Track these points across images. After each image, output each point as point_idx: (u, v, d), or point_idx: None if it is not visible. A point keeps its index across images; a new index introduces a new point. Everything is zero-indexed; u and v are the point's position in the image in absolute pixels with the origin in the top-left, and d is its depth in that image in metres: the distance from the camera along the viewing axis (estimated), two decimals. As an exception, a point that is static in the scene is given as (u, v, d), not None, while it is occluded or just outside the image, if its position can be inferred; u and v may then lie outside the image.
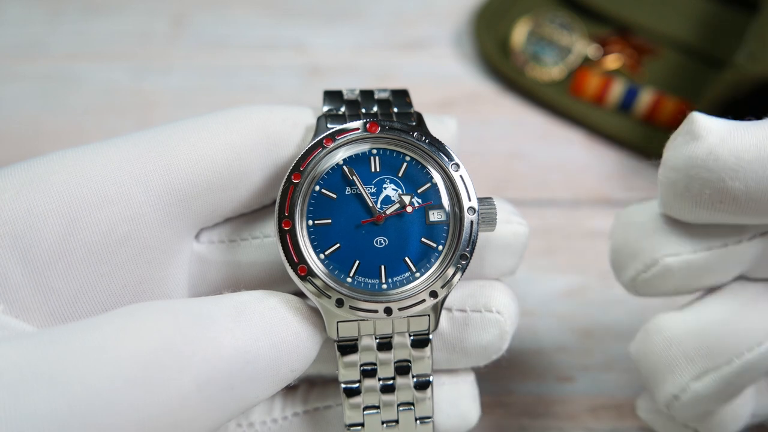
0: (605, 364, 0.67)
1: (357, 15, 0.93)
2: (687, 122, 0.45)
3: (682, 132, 0.46)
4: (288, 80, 0.86)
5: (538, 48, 0.85)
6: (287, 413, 0.52)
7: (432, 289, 0.47)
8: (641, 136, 0.80)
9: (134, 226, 0.45)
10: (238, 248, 0.50)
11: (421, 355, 0.49)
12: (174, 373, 0.38)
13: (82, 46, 0.89)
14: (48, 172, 0.44)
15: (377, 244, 0.48)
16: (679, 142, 0.45)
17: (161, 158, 0.46)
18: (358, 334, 0.47)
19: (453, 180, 0.48)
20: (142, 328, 0.39)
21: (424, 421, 0.50)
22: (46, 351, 0.36)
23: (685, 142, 0.45)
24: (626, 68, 0.83)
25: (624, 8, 0.86)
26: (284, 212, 0.47)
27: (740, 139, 0.43)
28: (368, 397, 0.49)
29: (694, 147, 0.44)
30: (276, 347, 0.43)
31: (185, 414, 0.39)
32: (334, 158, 0.48)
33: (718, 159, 0.43)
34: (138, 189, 0.45)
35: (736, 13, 0.84)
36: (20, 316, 0.43)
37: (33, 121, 0.82)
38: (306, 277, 0.46)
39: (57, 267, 0.44)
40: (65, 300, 0.44)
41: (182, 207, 0.47)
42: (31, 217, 0.43)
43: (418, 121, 0.50)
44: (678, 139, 0.46)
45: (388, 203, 0.48)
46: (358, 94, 0.52)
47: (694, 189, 0.45)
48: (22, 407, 0.34)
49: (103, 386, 0.36)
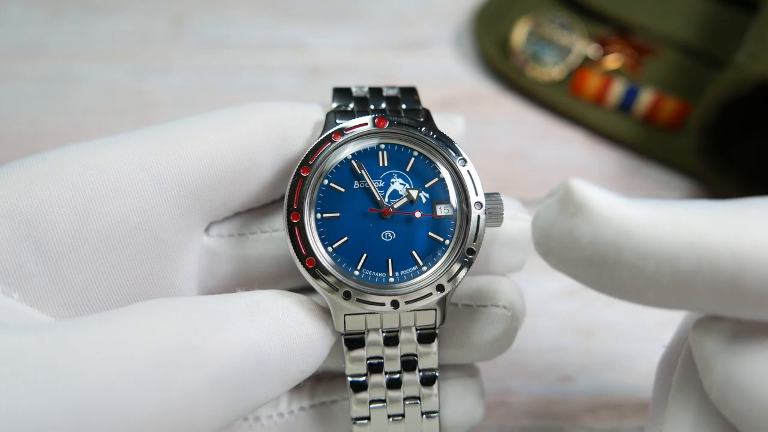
0: (605, 364, 0.67)
1: (357, 15, 0.93)
2: (563, 188, 0.38)
3: (555, 193, 0.39)
4: (288, 80, 0.86)
5: (538, 48, 0.85)
6: (294, 407, 0.52)
7: (439, 283, 0.47)
8: (641, 136, 0.80)
9: (145, 218, 0.45)
10: (247, 242, 0.50)
11: (428, 350, 0.49)
12: (187, 370, 0.38)
13: (82, 46, 0.89)
14: (61, 164, 0.44)
15: (385, 238, 0.48)
16: (549, 204, 0.39)
17: (173, 152, 0.46)
18: (365, 327, 0.48)
19: (460, 175, 0.49)
20: (157, 324, 0.39)
21: (430, 415, 0.50)
22: (62, 345, 0.36)
23: (553, 209, 0.39)
24: (626, 68, 0.84)
25: (624, 8, 0.87)
26: (293, 205, 0.47)
27: (606, 231, 0.37)
28: (375, 391, 0.49)
29: (559, 219, 0.38)
30: (287, 347, 0.43)
31: (196, 411, 0.39)
32: (342, 153, 0.49)
33: (576, 243, 0.37)
34: (150, 182, 0.45)
35: (736, 13, 0.85)
36: (35, 305, 0.43)
37: (33, 121, 0.82)
38: (314, 270, 0.46)
39: (70, 257, 0.44)
40: (78, 289, 0.45)
41: (193, 200, 0.47)
42: (45, 208, 0.43)
43: (426, 118, 0.50)
44: (550, 200, 0.39)
45: (395, 197, 0.48)
46: (367, 91, 0.52)
47: (551, 259, 0.40)
48: (36, 400, 0.34)
49: (116, 381, 0.36)
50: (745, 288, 0.35)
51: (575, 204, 0.37)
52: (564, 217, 0.38)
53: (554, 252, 0.39)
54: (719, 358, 0.38)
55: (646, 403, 0.64)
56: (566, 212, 0.37)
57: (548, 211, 0.39)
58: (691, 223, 0.36)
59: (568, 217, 0.37)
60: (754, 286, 0.35)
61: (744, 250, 0.35)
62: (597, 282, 0.38)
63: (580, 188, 0.37)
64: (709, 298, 0.36)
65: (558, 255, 0.39)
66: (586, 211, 0.37)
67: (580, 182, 0.37)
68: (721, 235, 0.35)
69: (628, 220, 0.36)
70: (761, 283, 0.35)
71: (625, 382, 0.66)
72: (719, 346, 0.38)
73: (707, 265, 0.35)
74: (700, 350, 0.39)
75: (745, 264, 0.35)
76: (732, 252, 0.35)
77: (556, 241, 0.38)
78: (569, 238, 0.37)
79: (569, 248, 0.38)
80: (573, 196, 0.37)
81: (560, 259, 0.39)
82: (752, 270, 0.35)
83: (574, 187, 0.37)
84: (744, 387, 0.37)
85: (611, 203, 0.37)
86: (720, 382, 0.38)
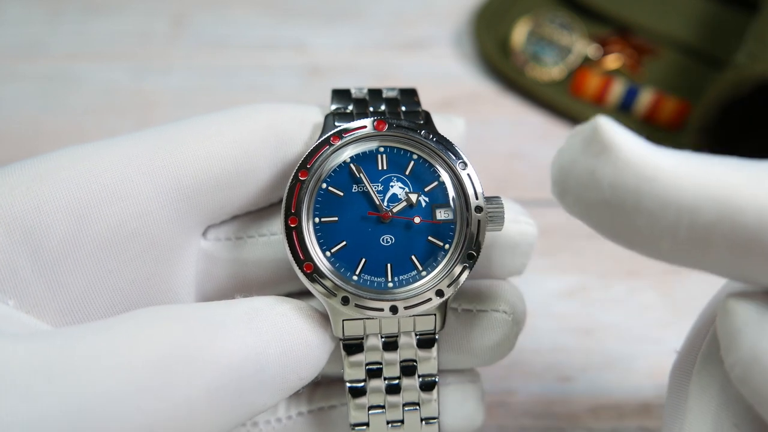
0: (605, 364, 0.67)
1: (357, 15, 0.93)
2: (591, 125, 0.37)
3: (581, 132, 0.38)
4: (288, 80, 0.86)
5: (538, 48, 0.85)
6: (292, 413, 0.51)
7: (438, 288, 0.47)
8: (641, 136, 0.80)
9: (143, 222, 0.45)
10: (245, 246, 0.50)
11: (427, 355, 0.49)
12: (184, 379, 0.38)
13: (82, 46, 0.88)
14: (57, 168, 0.44)
15: (383, 242, 0.47)
16: (574, 141, 0.38)
17: (170, 155, 0.46)
18: (363, 332, 0.47)
19: (460, 178, 0.48)
20: (154, 333, 0.38)
21: (430, 421, 0.50)
22: (58, 353, 0.36)
23: (577, 146, 0.38)
24: (626, 68, 0.84)
25: (624, 8, 0.87)
26: (291, 209, 0.47)
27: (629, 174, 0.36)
28: (373, 397, 0.49)
29: (582, 157, 0.37)
30: (286, 355, 0.43)
31: (194, 419, 0.39)
32: (341, 156, 0.48)
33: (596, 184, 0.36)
34: (147, 185, 0.45)
35: (736, 13, 0.85)
36: (31, 311, 0.43)
37: (33, 121, 0.82)
38: (312, 275, 0.46)
39: (66, 262, 0.44)
40: (75, 295, 0.44)
41: (190, 204, 0.47)
42: (41, 213, 0.43)
43: (426, 120, 0.50)
44: (574, 138, 0.38)
45: (395, 201, 0.48)
46: (366, 93, 0.52)
47: (567, 199, 0.39)
48: (33, 409, 0.34)
49: (113, 390, 0.36)
50: (766, 247, 0.34)
51: (601, 143, 0.36)
52: (587, 156, 0.37)
53: (572, 192, 0.38)
54: (747, 332, 0.37)
55: (646, 403, 0.64)
56: (590, 151, 0.37)
57: (571, 149, 0.38)
58: (720, 177, 0.35)
59: (592, 157, 0.36)
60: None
61: None
62: (611, 227, 0.38)
63: (609, 128, 0.36)
64: (727, 255, 0.36)
65: (575, 195, 0.38)
66: (612, 151, 0.36)
67: (609, 121, 0.37)
68: (748, 192, 0.34)
69: (653, 167, 0.35)
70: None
71: (625, 382, 0.66)
72: (748, 320, 0.37)
73: (729, 220, 0.34)
74: (728, 324, 0.38)
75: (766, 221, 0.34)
76: (758, 209, 0.34)
77: (576, 180, 0.37)
78: (590, 178, 0.36)
79: (588, 188, 0.37)
80: (600, 134, 0.36)
81: (577, 199, 0.38)
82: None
83: (602, 126, 0.36)
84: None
85: (639, 147, 0.36)
86: (745, 358, 0.36)
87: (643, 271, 0.71)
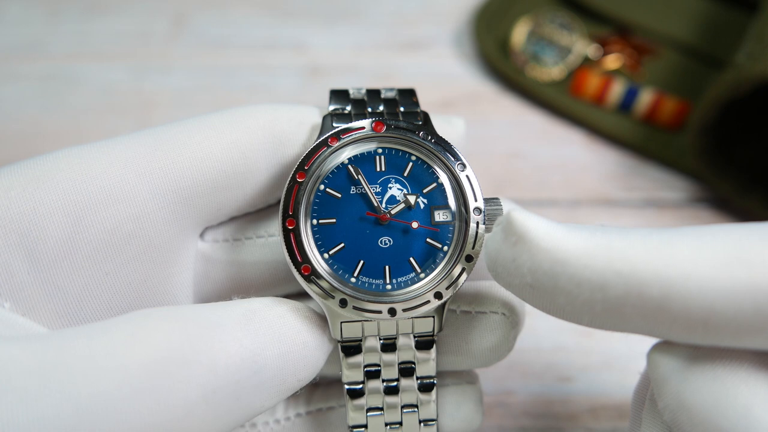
0: (605, 364, 0.67)
1: (357, 15, 0.93)
2: (506, 219, 0.41)
3: (500, 223, 0.41)
4: (288, 80, 0.86)
5: (538, 48, 0.85)
6: (290, 414, 0.51)
7: (437, 290, 0.47)
8: (641, 136, 0.80)
9: (139, 225, 0.45)
10: (243, 247, 0.50)
11: (426, 356, 0.49)
12: (181, 382, 0.38)
13: (82, 46, 0.88)
14: (53, 170, 0.44)
15: (382, 244, 0.47)
16: (496, 233, 0.42)
17: (166, 157, 0.46)
18: (362, 334, 0.47)
19: (459, 180, 0.48)
20: (151, 335, 0.38)
21: (428, 423, 0.50)
22: (55, 355, 0.36)
23: (498, 238, 0.41)
24: (626, 68, 0.83)
25: (624, 8, 0.86)
26: (288, 211, 0.47)
27: (543, 260, 0.40)
28: (372, 398, 0.49)
29: (504, 247, 0.41)
30: (283, 356, 0.43)
31: (191, 423, 0.39)
32: (339, 157, 0.48)
33: (518, 270, 0.41)
34: (143, 187, 0.45)
35: (736, 13, 0.84)
36: (27, 314, 0.43)
37: (33, 121, 0.82)
38: (310, 277, 0.46)
39: (62, 265, 0.44)
40: (71, 298, 0.44)
41: (187, 205, 0.47)
42: (36, 215, 0.43)
43: (424, 121, 0.50)
44: (496, 229, 0.42)
45: (393, 203, 0.48)
46: (365, 93, 0.52)
47: (501, 282, 0.42)
48: (29, 411, 0.34)
49: (109, 393, 0.36)
50: (672, 315, 0.38)
51: (516, 234, 0.40)
52: (507, 246, 0.41)
53: (501, 277, 0.42)
54: (672, 381, 0.40)
55: (645, 404, 0.64)
56: (509, 241, 0.41)
57: (494, 239, 0.42)
58: (623, 253, 0.39)
59: (511, 246, 0.40)
60: (680, 314, 0.37)
61: (670, 279, 0.37)
62: (540, 306, 0.42)
63: (520, 219, 0.40)
64: (640, 323, 0.39)
65: (505, 280, 0.42)
66: (526, 240, 0.40)
67: (521, 213, 0.41)
68: (650, 265, 0.38)
69: (563, 250, 0.39)
70: (686, 310, 0.37)
71: (625, 382, 0.66)
72: (673, 369, 0.40)
73: (635, 293, 0.38)
74: (655, 372, 0.41)
75: (670, 293, 0.37)
76: (659, 281, 0.38)
77: (502, 268, 0.41)
78: (512, 266, 0.40)
79: (513, 275, 0.41)
80: (514, 226, 0.40)
81: (507, 284, 0.42)
82: (677, 299, 0.37)
83: (515, 218, 0.40)
84: (694, 412, 0.38)
85: (549, 233, 0.40)
86: (672, 405, 0.40)
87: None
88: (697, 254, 0.38)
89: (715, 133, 0.72)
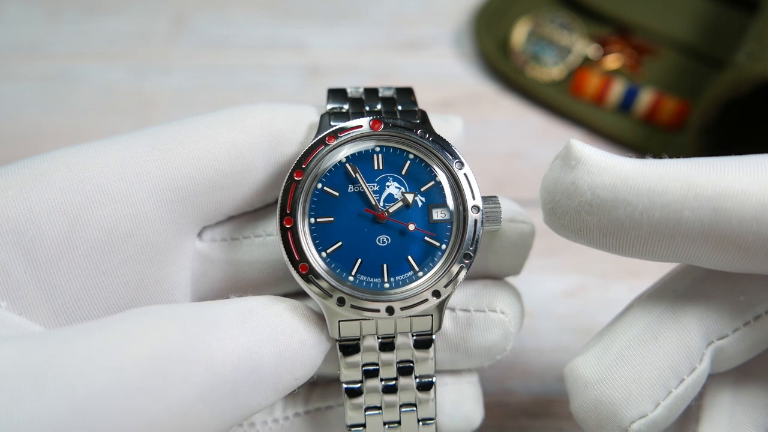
0: (606, 364, 0.67)
1: (357, 15, 0.93)
2: (565, 147, 0.45)
3: (559, 155, 0.45)
4: (288, 80, 0.86)
5: (538, 48, 0.85)
6: (288, 413, 0.51)
7: (435, 289, 0.47)
8: (641, 136, 0.80)
9: (136, 224, 0.45)
10: (241, 246, 0.50)
11: (424, 355, 0.48)
12: (177, 380, 0.38)
13: (82, 46, 0.89)
14: (51, 170, 0.44)
15: (379, 243, 0.47)
16: (554, 165, 0.45)
17: (164, 156, 0.46)
18: (360, 333, 0.47)
19: (457, 178, 0.48)
20: (147, 333, 0.38)
21: (427, 422, 0.50)
22: (50, 354, 0.36)
23: (557, 167, 0.45)
24: (626, 68, 0.83)
25: (624, 8, 0.86)
26: (286, 210, 0.47)
27: (603, 176, 0.43)
28: (370, 397, 0.49)
29: (562, 173, 0.44)
30: (280, 355, 0.43)
31: (187, 421, 0.38)
32: (336, 156, 0.48)
33: (577, 190, 0.43)
34: (140, 187, 0.45)
35: (736, 13, 0.84)
36: (23, 313, 0.43)
37: (33, 121, 0.82)
38: (308, 276, 0.46)
39: (59, 264, 0.44)
40: (68, 297, 0.44)
41: (185, 205, 0.47)
42: (33, 215, 0.43)
43: (422, 119, 0.50)
44: (555, 162, 0.45)
45: (391, 201, 0.48)
46: (362, 92, 0.52)
47: (557, 213, 0.44)
48: (24, 410, 0.34)
49: (105, 392, 0.36)
50: (727, 215, 0.41)
51: (576, 158, 0.43)
52: (566, 171, 0.44)
53: (559, 204, 0.44)
54: None
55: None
56: (568, 166, 0.44)
57: (553, 170, 0.45)
58: (676, 165, 0.42)
59: (570, 170, 0.43)
60: (734, 216, 0.40)
61: (723, 182, 0.41)
62: (598, 226, 0.43)
63: (579, 145, 0.44)
64: (696, 231, 0.42)
65: (563, 206, 0.44)
66: (586, 162, 0.43)
67: (579, 141, 0.44)
68: (703, 171, 0.42)
69: (622, 167, 0.43)
70: (740, 213, 0.40)
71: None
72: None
73: (693, 195, 0.41)
74: None
75: (725, 193, 0.41)
76: (713, 184, 0.41)
77: (561, 193, 0.44)
78: (572, 188, 0.43)
79: (572, 197, 0.43)
80: (573, 151, 0.44)
81: (565, 210, 0.44)
82: (731, 197, 0.41)
83: (574, 145, 0.44)
84: None
85: (606, 155, 0.43)
86: None
87: (642, 271, 0.71)
88: (745, 167, 0.41)
89: (715, 133, 0.72)
